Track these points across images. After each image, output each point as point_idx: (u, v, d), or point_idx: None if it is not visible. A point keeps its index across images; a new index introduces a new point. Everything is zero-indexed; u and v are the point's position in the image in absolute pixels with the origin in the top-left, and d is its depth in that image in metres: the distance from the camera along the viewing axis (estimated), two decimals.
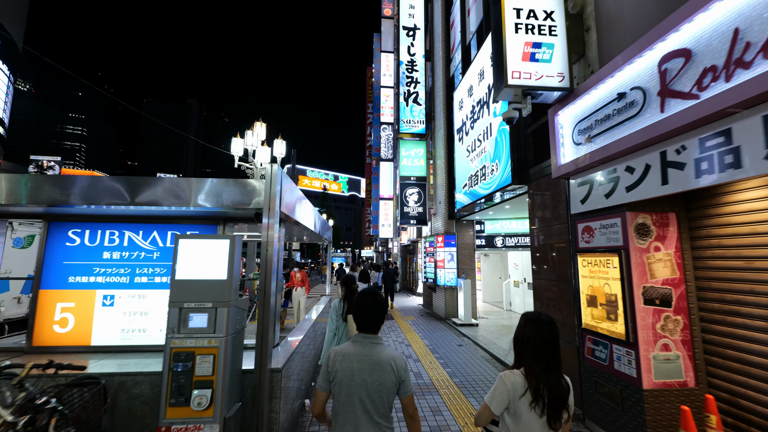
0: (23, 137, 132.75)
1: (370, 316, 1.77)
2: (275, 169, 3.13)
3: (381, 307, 1.80)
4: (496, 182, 6.24)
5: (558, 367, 1.55)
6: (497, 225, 9.84)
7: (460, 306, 9.28)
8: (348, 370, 1.65)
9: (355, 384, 1.63)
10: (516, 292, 11.14)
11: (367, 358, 1.67)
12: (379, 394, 1.63)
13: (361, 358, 1.68)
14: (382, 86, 21.94)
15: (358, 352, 1.70)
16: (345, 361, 1.68)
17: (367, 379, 1.63)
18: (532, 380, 1.52)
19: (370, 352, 1.70)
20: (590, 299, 3.70)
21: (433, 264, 10.77)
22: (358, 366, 1.65)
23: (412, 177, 11.70)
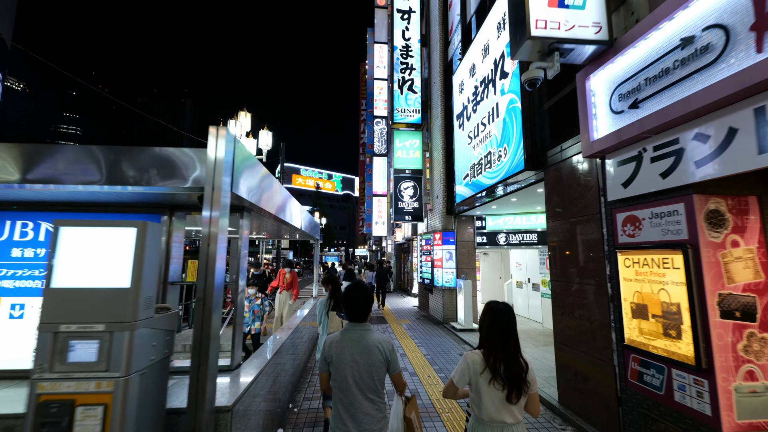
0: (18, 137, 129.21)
1: (358, 307, 1.98)
2: (222, 133, 2.28)
3: (367, 299, 2.01)
4: (504, 170, 5.44)
5: (514, 348, 1.76)
6: (500, 221, 9.08)
7: (460, 309, 8.49)
8: (341, 355, 1.88)
9: (348, 366, 1.85)
10: (519, 294, 10.39)
11: (357, 343, 1.90)
12: (369, 374, 1.85)
13: (352, 343, 1.90)
14: (375, 78, 21.09)
15: (349, 338, 1.93)
16: (338, 347, 1.91)
17: (358, 361, 1.86)
18: (490, 359, 1.74)
19: (359, 337, 1.92)
20: (637, 309, 2.90)
21: (429, 263, 9.97)
22: (350, 350, 1.88)
23: (407, 170, 10.89)
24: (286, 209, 4.51)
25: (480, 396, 1.75)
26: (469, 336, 7.60)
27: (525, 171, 4.82)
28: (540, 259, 8.82)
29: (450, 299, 9.15)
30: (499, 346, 1.75)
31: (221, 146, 2.21)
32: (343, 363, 1.86)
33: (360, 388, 1.84)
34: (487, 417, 1.74)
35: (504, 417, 1.72)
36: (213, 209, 2.14)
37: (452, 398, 1.92)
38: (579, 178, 3.86)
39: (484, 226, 9.33)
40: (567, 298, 4.02)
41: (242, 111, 11.60)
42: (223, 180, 2.17)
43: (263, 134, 11.71)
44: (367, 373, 1.85)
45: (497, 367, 1.71)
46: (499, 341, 1.76)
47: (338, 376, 1.87)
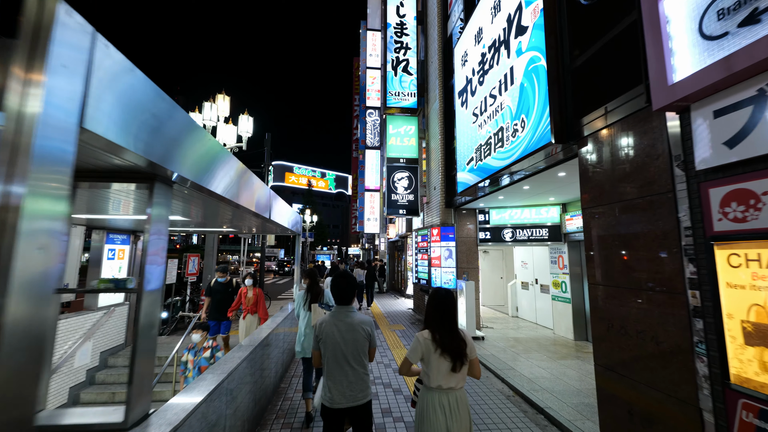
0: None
1: (344, 293, 2.37)
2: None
3: (352, 285, 2.41)
4: (520, 146, 4.42)
5: (452, 325, 2.10)
6: (505, 214, 8.10)
7: (462, 314, 7.47)
8: (331, 333, 2.24)
9: (336, 342, 2.22)
10: (524, 296, 9.42)
11: (343, 323, 2.28)
12: (354, 348, 2.24)
13: (339, 323, 2.27)
14: (368, 67, 19.99)
15: (337, 318, 2.30)
16: (328, 326, 2.26)
17: (345, 338, 2.24)
18: (436, 337, 2.06)
19: (345, 318, 2.30)
20: (754, 331, 1.89)
21: (426, 262, 8.94)
22: (337, 329, 2.25)
23: (402, 159, 9.84)
24: (243, 190, 3.43)
25: (430, 367, 2.05)
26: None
27: (551, 145, 3.80)
28: (551, 258, 7.85)
29: None
30: (441, 324, 2.08)
31: (61, 31, 1.13)
32: (333, 339, 2.21)
33: (346, 360, 2.21)
34: (435, 384, 2.04)
35: (450, 383, 2.03)
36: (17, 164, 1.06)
37: (406, 374, 2.14)
38: (636, 146, 2.84)
39: (488, 221, 8.32)
40: (616, 309, 3.01)
41: (220, 94, 10.46)
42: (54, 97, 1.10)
43: (243, 120, 10.56)
44: (352, 347, 2.22)
45: (443, 342, 2.03)
46: (440, 320, 2.09)
47: (329, 350, 2.21)
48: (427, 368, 2.06)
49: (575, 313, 7.16)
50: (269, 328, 4.18)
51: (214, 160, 2.69)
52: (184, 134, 2.06)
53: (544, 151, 4.07)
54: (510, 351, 6.28)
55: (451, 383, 2.02)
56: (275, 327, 4.60)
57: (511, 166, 4.73)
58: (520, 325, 8.69)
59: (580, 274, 7.30)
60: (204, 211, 4.02)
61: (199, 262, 9.19)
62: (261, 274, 14.07)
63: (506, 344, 6.77)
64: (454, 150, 8.48)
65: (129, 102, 1.51)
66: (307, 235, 34.74)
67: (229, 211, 3.77)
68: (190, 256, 8.84)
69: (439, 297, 2.16)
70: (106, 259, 6.02)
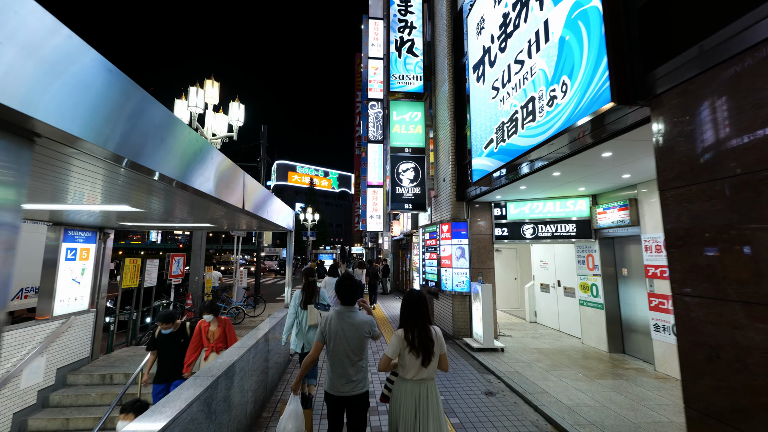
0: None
1: (349, 295, 2.56)
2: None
3: (357, 287, 2.60)
4: (561, 116, 3.49)
5: (424, 325, 2.30)
6: (525, 208, 7.16)
7: (476, 321, 6.56)
8: (336, 330, 2.45)
9: (341, 338, 2.44)
10: (543, 299, 8.47)
11: (347, 322, 2.48)
12: (357, 344, 2.46)
13: (343, 321, 2.47)
14: (370, 57, 19.08)
15: (342, 317, 2.49)
16: (335, 324, 2.46)
17: (349, 335, 2.45)
18: (408, 335, 2.28)
19: (350, 317, 2.50)
20: None
21: (435, 262, 8.03)
22: (342, 326, 2.46)
23: (407, 148, 8.91)
24: (200, 169, 2.54)
25: (404, 362, 2.29)
26: (493, 359, 5.66)
27: (616, 104, 2.86)
28: (578, 257, 6.90)
29: (462, 308, 7.21)
30: (414, 323, 2.30)
31: None
32: (338, 336, 2.45)
33: (348, 355, 2.44)
34: (409, 377, 2.28)
35: (422, 375, 2.27)
36: None
37: (385, 370, 2.33)
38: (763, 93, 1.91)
39: (505, 215, 7.38)
40: (726, 333, 2.07)
41: (208, 79, 9.59)
42: None
43: (234, 107, 9.67)
44: (355, 343, 2.46)
45: (413, 341, 2.26)
46: (413, 320, 2.31)
47: (334, 345, 2.45)
48: (401, 362, 2.30)
49: (609, 320, 6.21)
50: (236, 353, 3.28)
51: (162, 128, 1.84)
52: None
53: (596, 119, 3.14)
54: (537, 367, 5.35)
55: (422, 375, 2.27)
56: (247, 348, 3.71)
57: (545, 144, 3.79)
58: (541, 332, 7.74)
59: (614, 275, 6.35)
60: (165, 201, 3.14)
61: (184, 263, 8.33)
62: (257, 274, 13.22)
63: (530, 357, 5.83)
64: (466, 137, 7.54)
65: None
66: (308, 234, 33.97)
67: (186, 197, 2.89)
68: (174, 256, 7.98)
69: (411, 299, 2.38)
70: (64, 260, 5.15)
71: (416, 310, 2.33)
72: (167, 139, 2.04)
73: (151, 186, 2.42)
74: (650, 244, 5.27)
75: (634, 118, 2.97)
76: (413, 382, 2.28)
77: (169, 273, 7.81)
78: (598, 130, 3.39)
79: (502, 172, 5.08)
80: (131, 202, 3.12)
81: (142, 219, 4.55)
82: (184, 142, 2.27)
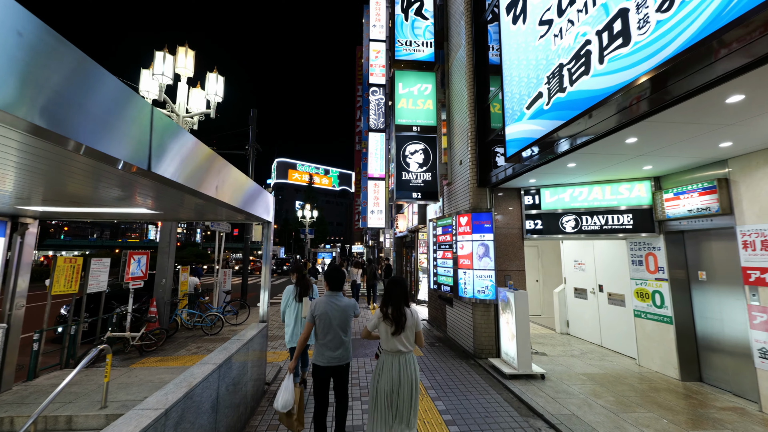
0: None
1: (337, 283, 3.03)
2: None
3: (341, 277, 3.05)
4: (692, 21, 2.07)
5: (398, 303, 2.67)
6: (564, 195, 5.75)
7: (507, 338, 5.14)
8: (325, 311, 2.87)
9: (330, 318, 2.86)
10: (578, 307, 7.04)
11: (335, 304, 2.92)
12: (343, 322, 2.91)
13: (332, 304, 2.91)
14: (371, 40, 17.65)
15: (330, 301, 2.93)
16: (323, 306, 2.89)
17: (336, 315, 2.88)
18: (385, 310, 2.67)
19: (337, 301, 2.94)
20: None
21: (450, 261, 6.61)
22: (331, 308, 2.89)
23: (415, 126, 7.49)
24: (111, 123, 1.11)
25: (381, 332, 2.71)
26: (535, 392, 4.25)
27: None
28: (632, 256, 5.48)
29: (485, 319, 5.79)
30: (390, 301, 2.68)
31: None
32: (327, 316, 2.85)
33: (337, 332, 2.86)
34: (388, 348, 2.66)
35: (398, 346, 2.63)
36: None
37: (366, 338, 2.84)
38: None
39: (538, 204, 5.96)
40: None
41: (182, 47, 8.17)
42: None
43: (211, 79, 8.25)
44: (342, 321, 2.90)
45: (388, 313, 2.65)
46: (389, 299, 2.69)
47: (324, 323, 2.86)
48: (380, 332, 2.72)
49: (681, 338, 4.79)
50: (181, 389, 1.88)
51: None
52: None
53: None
54: (598, 406, 3.93)
55: (399, 347, 2.63)
56: (199, 379, 2.31)
57: (645, 77, 2.37)
58: (579, 348, 6.33)
59: (685, 280, 4.93)
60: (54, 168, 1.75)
61: (147, 262, 6.92)
62: (245, 274, 11.82)
63: (583, 388, 4.42)
64: (489, 110, 6.13)
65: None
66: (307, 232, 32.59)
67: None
68: (132, 255, 6.57)
69: (392, 283, 2.78)
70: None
71: (394, 292, 2.70)
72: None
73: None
74: (752, 239, 3.85)
75: None
76: (393, 354, 2.66)
77: (125, 275, 6.41)
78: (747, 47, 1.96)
79: (557, 136, 3.63)
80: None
81: (67, 202, 3.16)
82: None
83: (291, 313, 4.28)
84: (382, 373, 2.63)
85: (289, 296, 4.31)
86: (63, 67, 1.29)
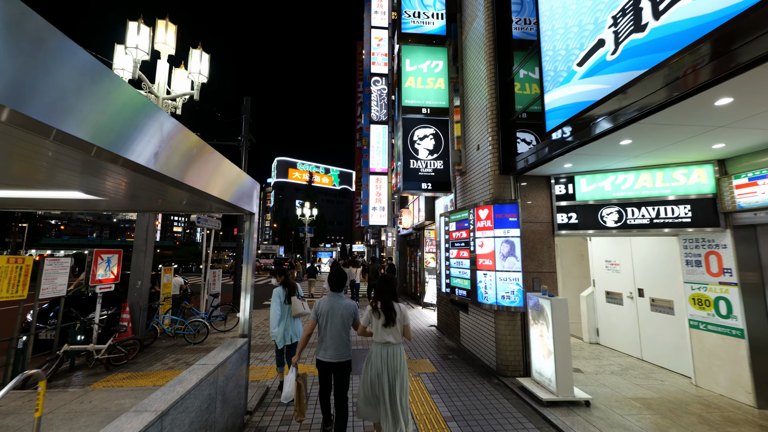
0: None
1: (338, 284, 3.21)
2: None
3: (343, 277, 3.24)
4: None
5: (388, 299, 2.93)
6: (605, 183, 4.88)
7: (540, 355, 4.26)
8: (327, 310, 3.07)
9: (332, 315, 3.05)
10: (609, 313, 6.15)
11: (337, 303, 3.10)
12: (343, 321, 3.06)
13: (334, 303, 3.10)
14: (373, 27, 16.76)
15: (333, 301, 3.12)
16: (326, 305, 3.09)
17: (337, 313, 3.06)
18: (375, 304, 2.95)
19: (338, 301, 3.12)
20: None
21: (466, 261, 5.73)
22: (332, 307, 3.08)
23: (425, 108, 6.61)
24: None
25: (373, 326, 2.95)
26: (583, 426, 3.38)
27: None
28: (686, 256, 4.60)
29: (510, 330, 4.92)
30: (380, 297, 2.96)
31: None
32: (331, 314, 3.05)
33: (337, 329, 3.03)
34: (379, 339, 2.90)
35: (388, 338, 2.87)
36: None
37: (362, 334, 3.06)
38: None
39: (572, 194, 5.08)
40: None
41: (162, 20, 7.29)
42: None
43: (194, 56, 7.36)
44: (344, 319, 3.07)
45: (378, 307, 2.93)
46: (379, 295, 2.97)
47: (327, 321, 3.05)
48: (372, 327, 2.97)
49: (756, 356, 3.91)
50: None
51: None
52: None
53: None
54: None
55: (388, 338, 2.87)
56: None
57: None
58: (614, 360, 5.45)
59: (760, 284, 4.04)
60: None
61: (119, 262, 6.05)
62: (236, 275, 10.95)
63: (640, 420, 3.53)
64: (512, 85, 5.25)
65: None
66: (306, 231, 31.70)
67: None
68: (100, 254, 5.70)
69: (382, 281, 3.04)
70: None
71: (383, 289, 2.98)
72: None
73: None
74: None
75: None
76: (382, 345, 2.90)
77: (90, 278, 5.54)
78: None
79: (631, 95, 2.73)
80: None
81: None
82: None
83: (282, 315, 4.36)
84: (372, 364, 2.90)
85: (280, 300, 4.39)
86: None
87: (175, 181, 2.03)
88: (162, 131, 1.91)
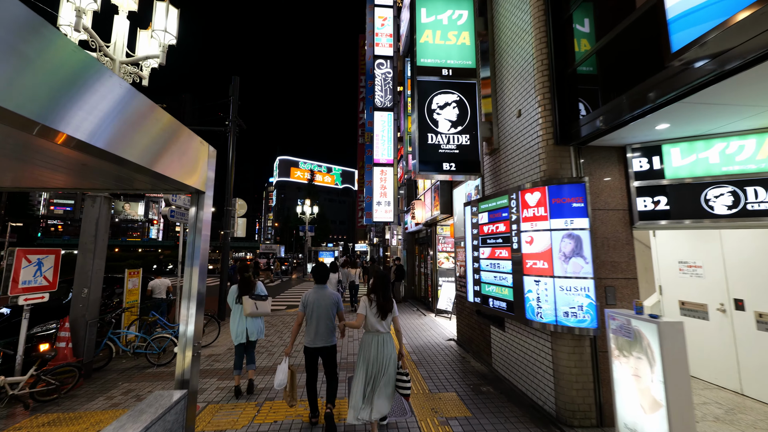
0: None
1: (321, 277, 3.68)
2: None
3: (326, 271, 3.72)
4: None
5: (383, 294, 3.24)
6: (709, 153, 3.48)
7: (635, 403, 2.86)
8: (314, 300, 3.53)
9: (317, 306, 3.51)
10: (687, 330, 4.74)
11: (321, 295, 3.56)
12: (328, 310, 3.53)
13: (318, 295, 3.56)
14: (376, 6, 15.37)
15: (317, 293, 3.58)
16: (312, 296, 3.55)
17: (322, 304, 3.52)
18: (371, 297, 3.25)
19: (323, 293, 3.59)
20: None
21: (506, 264, 4.34)
22: (318, 299, 3.54)
23: (445, 69, 5.22)
24: None
25: (368, 317, 3.21)
26: None
27: None
28: None
29: (578, 360, 3.51)
30: (377, 292, 3.24)
31: None
32: (317, 304, 3.48)
33: (322, 317, 3.49)
34: (370, 329, 3.21)
35: (378, 328, 3.19)
36: None
37: (357, 327, 3.24)
38: None
39: (659, 170, 3.67)
40: None
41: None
42: None
43: (160, 10, 5.98)
44: (329, 309, 3.52)
45: (377, 301, 3.21)
46: (377, 290, 3.25)
47: (311, 310, 3.50)
48: (367, 318, 3.21)
49: None
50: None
51: None
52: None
53: None
54: None
55: (380, 329, 3.18)
56: None
57: None
58: (705, 396, 4.03)
59: None
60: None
61: (56, 265, 4.70)
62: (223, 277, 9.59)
63: None
64: (569, 23, 3.86)
65: None
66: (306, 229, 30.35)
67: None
68: (26, 254, 4.35)
69: (377, 278, 3.29)
70: None
71: (380, 286, 3.25)
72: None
73: None
74: None
75: None
76: (373, 334, 3.20)
77: (10, 285, 4.20)
78: None
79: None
80: None
81: None
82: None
83: (235, 313, 4.44)
84: (365, 351, 3.19)
85: (232, 300, 4.49)
86: None
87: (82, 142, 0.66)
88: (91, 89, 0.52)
